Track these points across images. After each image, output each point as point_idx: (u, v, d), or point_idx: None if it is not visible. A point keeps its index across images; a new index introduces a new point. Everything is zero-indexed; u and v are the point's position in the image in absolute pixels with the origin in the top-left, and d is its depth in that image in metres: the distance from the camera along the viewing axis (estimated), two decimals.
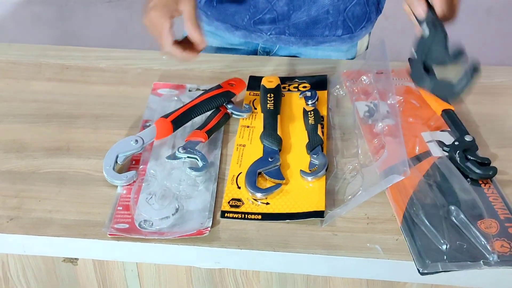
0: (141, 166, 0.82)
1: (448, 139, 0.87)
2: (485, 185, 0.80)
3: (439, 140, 0.87)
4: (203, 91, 0.94)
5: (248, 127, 0.90)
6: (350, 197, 0.77)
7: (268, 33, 1.12)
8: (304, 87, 0.99)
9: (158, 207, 0.75)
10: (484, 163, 0.81)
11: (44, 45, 1.13)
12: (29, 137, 0.88)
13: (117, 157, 0.81)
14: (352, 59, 1.18)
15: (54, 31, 2.02)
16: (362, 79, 0.96)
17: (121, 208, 0.76)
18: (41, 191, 0.79)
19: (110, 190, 0.79)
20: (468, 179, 0.80)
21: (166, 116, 0.86)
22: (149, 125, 0.88)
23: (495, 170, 0.80)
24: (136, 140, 0.83)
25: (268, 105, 0.92)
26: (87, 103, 0.96)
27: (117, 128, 0.90)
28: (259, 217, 0.75)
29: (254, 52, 1.18)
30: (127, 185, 0.79)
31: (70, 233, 0.72)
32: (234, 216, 0.75)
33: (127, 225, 0.73)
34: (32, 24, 2.03)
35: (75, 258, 0.79)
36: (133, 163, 0.83)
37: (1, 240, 0.73)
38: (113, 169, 0.80)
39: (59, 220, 0.74)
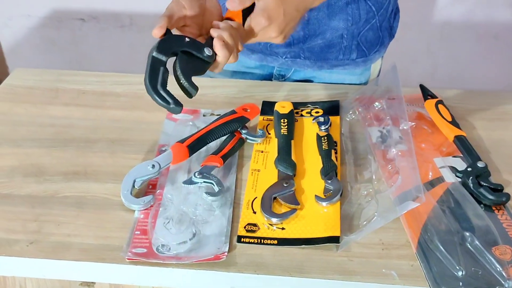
0: (158, 191, 0.83)
1: (461, 165, 0.88)
2: (498, 211, 0.80)
3: (452, 166, 0.88)
4: (217, 116, 0.95)
5: (262, 152, 0.92)
6: (365, 222, 0.78)
7: (284, 57, 1.14)
8: (317, 112, 1.01)
9: (176, 231, 0.76)
10: (497, 189, 0.82)
11: (60, 70, 1.15)
12: (47, 162, 0.90)
13: (134, 181, 0.82)
14: (365, 82, 1.19)
15: (67, 55, 2.05)
16: (375, 105, 0.98)
17: (138, 232, 0.77)
18: (59, 215, 0.80)
19: (127, 214, 0.80)
20: (482, 205, 0.81)
21: (182, 141, 0.88)
22: (165, 150, 0.89)
23: (508, 196, 0.81)
24: (153, 165, 0.84)
25: (282, 130, 0.94)
26: (103, 128, 0.98)
27: (134, 153, 0.92)
28: (275, 242, 0.76)
29: (270, 76, 1.20)
30: (145, 209, 0.80)
31: (89, 257, 0.73)
32: (250, 241, 0.76)
33: (145, 250, 0.74)
34: (46, 48, 2.06)
35: (92, 282, 0.80)
36: (149, 188, 0.85)
37: (21, 264, 0.74)
38: (131, 193, 0.81)
39: (78, 244, 0.75)
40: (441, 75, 1.98)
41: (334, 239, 0.75)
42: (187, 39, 0.78)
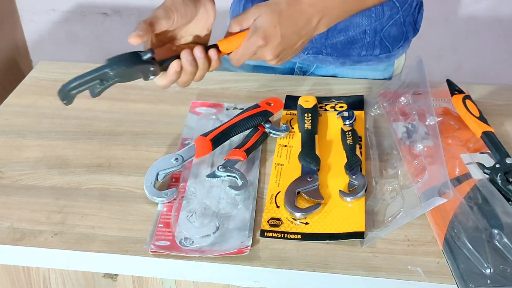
0: (181, 184, 0.83)
1: (488, 161, 0.86)
2: None
3: (479, 162, 0.86)
4: (240, 110, 0.95)
5: (285, 146, 0.91)
6: (390, 218, 0.76)
7: (306, 52, 1.13)
8: (341, 107, 1.00)
9: (199, 225, 0.76)
10: None
11: (85, 63, 1.15)
12: (71, 154, 0.90)
13: (157, 174, 0.82)
14: (389, 78, 1.18)
15: (90, 49, 2.07)
16: (400, 100, 0.96)
17: (161, 225, 0.77)
18: (83, 207, 0.80)
19: (150, 207, 0.80)
20: (510, 202, 0.79)
21: (205, 135, 0.87)
22: (188, 143, 0.89)
23: None
24: (176, 158, 0.84)
25: (305, 125, 0.93)
26: (127, 121, 0.98)
27: (157, 146, 0.92)
28: (299, 237, 0.75)
29: (291, 71, 1.18)
30: (168, 202, 0.80)
31: (112, 249, 0.74)
32: (273, 235, 0.75)
33: (168, 243, 0.74)
34: (69, 43, 2.08)
35: (115, 274, 0.80)
36: (173, 181, 0.84)
37: (46, 255, 0.74)
38: (154, 186, 0.81)
39: (101, 236, 0.75)
40: (466, 71, 1.95)
41: (359, 235, 0.75)
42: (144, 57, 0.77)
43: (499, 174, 0.82)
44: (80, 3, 1.98)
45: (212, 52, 0.80)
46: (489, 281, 0.68)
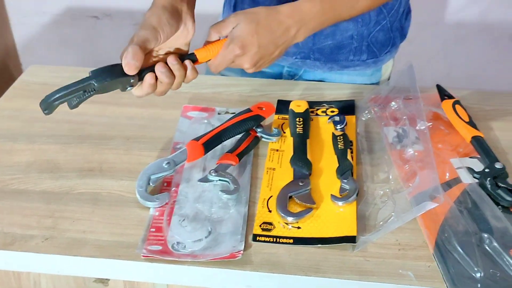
0: (173, 188, 0.83)
1: (478, 166, 0.87)
2: None
3: (469, 167, 0.87)
4: (232, 114, 0.95)
5: (277, 150, 0.91)
6: (381, 223, 0.77)
7: (294, 57, 1.13)
8: (332, 111, 1.00)
9: (191, 229, 0.76)
10: None
11: (76, 67, 1.15)
12: (63, 158, 0.90)
13: (149, 179, 0.82)
14: (376, 83, 1.18)
15: (81, 52, 2.06)
16: (391, 105, 0.97)
17: (153, 229, 0.76)
18: (75, 211, 0.80)
19: (142, 211, 0.80)
20: (499, 207, 0.80)
21: (197, 139, 0.88)
22: (180, 148, 0.89)
23: None
24: (168, 163, 0.84)
25: (297, 129, 0.93)
26: (118, 125, 0.98)
27: (148, 150, 0.92)
28: (291, 241, 0.75)
29: (279, 75, 1.19)
30: (160, 207, 0.80)
31: (104, 254, 0.73)
32: (265, 239, 0.76)
33: (160, 247, 0.74)
34: (60, 46, 2.07)
35: (107, 279, 0.80)
36: (164, 185, 0.84)
37: (36, 260, 0.74)
38: (146, 191, 0.81)
39: (93, 241, 0.75)
40: (455, 76, 1.96)
41: (350, 239, 0.75)
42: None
43: (489, 178, 0.83)
44: (70, 6, 1.97)
45: (187, 62, 0.81)
46: (479, 285, 0.68)
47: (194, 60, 0.82)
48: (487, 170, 0.84)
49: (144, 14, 0.81)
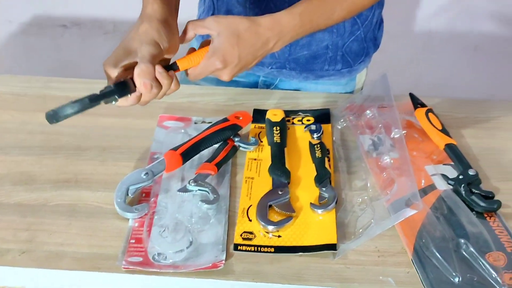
0: (151, 199, 0.82)
1: (451, 172, 0.89)
2: (490, 218, 0.82)
3: (443, 174, 0.89)
4: (209, 124, 0.95)
5: (255, 159, 0.92)
6: (361, 230, 0.78)
7: (269, 67, 1.14)
8: (308, 120, 1.01)
9: (172, 240, 0.75)
10: (488, 197, 0.83)
11: (48, 77, 1.13)
12: (37, 170, 0.88)
13: (128, 189, 0.81)
14: (351, 92, 1.20)
15: (49, 62, 2.02)
16: (366, 113, 0.98)
17: (133, 241, 0.76)
18: (52, 224, 0.78)
19: (121, 223, 0.79)
20: (474, 212, 0.82)
21: (175, 149, 0.87)
22: (157, 158, 0.89)
23: (499, 203, 0.82)
24: (147, 173, 0.83)
25: (274, 138, 0.94)
26: (94, 135, 0.96)
27: (125, 160, 0.91)
28: (272, 250, 0.76)
29: (255, 85, 1.20)
30: (139, 218, 0.79)
31: (84, 267, 0.72)
32: (247, 249, 0.76)
33: (140, 258, 0.73)
34: (27, 55, 2.03)
35: None
36: (143, 196, 0.84)
37: (14, 274, 0.72)
38: (124, 202, 0.80)
39: (71, 253, 0.74)
40: (424, 84, 2.00)
41: (331, 247, 0.76)
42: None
43: (463, 185, 0.85)
44: (38, 15, 1.94)
45: (171, 73, 0.81)
46: None
47: (176, 69, 0.82)
48: (461, 176, 0.86)
49: (138, 27, 0.80)
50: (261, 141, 0.95)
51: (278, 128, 0.96)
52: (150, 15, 0.81)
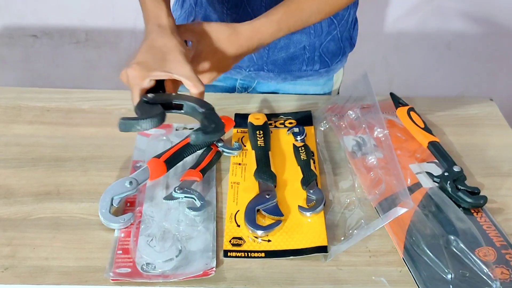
0: (137, 208, 0.81)
1: (436, 170, 0.89)
2: (477, 214, 0.82)
3: (428, 172, 0.89)
4: (190, 130, 0.94)
5: (240, 164, 0.91)
6: (351, 231, 0.77)
7: (247, 70, 1.13)
8: (290, 123, 1.01)
9: (160, 249, 0.74)
10: (474, 192, 0.84)
11: (21, 88, 1.10)
12: (16, 182, 0.86)
13: (112, 199, 0.79)
14: (329, 92, 1.20)
15: (20, 73, 1.98)
16: (349, 114, 0.98)
17: (120, 252, 0.74)
18: (34, 238, 0.76)
19: (107, 233, 0.77)
20: (461, 208, 0.82)
21: (158, 156, 0.86)
22: (140, 166, 0.87)
23: (485, 199, 0.83)
24: (131, 182, 0.81)
25: (258, 142, 0.93)
26: (73, 146, 0.94)
27: (107, 170, 0.89)
28: (263, 254, 0.75)
29: (233, 88, 1.19)
30: (125, 228, 0.77)
31: (70, 281, 0.70)
32: (237, 255, 0.74)
33: (129, 269, 0.71)
34: None
35: None
36: (128, 205, 0.82)
37: None
38: (109, 212, 0.78)
39: (57, 268, 0.72)
40: (397, 84, 2.02)
41: (322, 249, 0.75)
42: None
43: (449, 181, 0.85)
44: (7, 25, 1.89)
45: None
46: (451, 286, 0.70)
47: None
48: (446, 173, 0.87)
49: (149, 36, 0.83)
50: (245, 146, 0.94)
51: (261, 132, 0.95)
52: (161, 24, 0.85)
